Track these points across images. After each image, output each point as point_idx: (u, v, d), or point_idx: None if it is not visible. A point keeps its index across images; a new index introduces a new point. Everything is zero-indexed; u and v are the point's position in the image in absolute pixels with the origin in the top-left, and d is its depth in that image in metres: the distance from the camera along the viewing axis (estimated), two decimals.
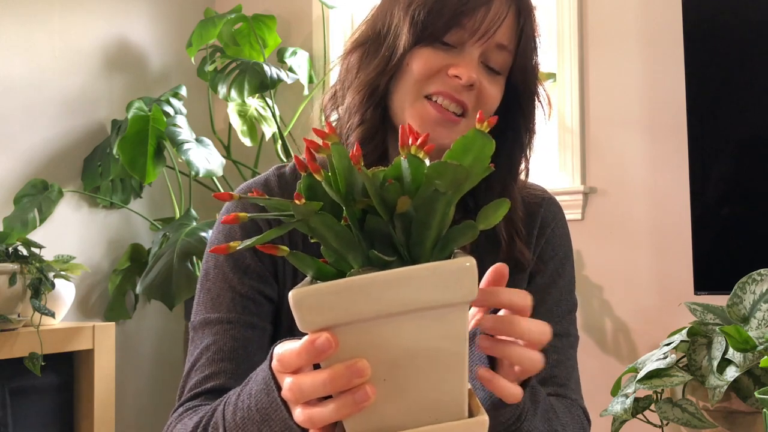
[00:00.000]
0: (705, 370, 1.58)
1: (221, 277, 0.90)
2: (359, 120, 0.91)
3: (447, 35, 0.88)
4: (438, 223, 0.56)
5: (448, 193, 0.55)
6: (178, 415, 0.85)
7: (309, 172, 0.57)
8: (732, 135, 2.04)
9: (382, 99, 0.92)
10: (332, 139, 0.56)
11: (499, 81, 0.92)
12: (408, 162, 0.55)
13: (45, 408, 2.23)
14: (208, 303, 0.90)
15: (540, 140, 1.03)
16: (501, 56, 0.91)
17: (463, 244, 0.58)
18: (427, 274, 0.54)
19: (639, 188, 2.29)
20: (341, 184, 0.56)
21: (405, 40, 0.89)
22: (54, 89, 2.61)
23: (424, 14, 0.88)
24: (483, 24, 0.88)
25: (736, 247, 2.01)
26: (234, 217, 0.57)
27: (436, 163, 0.54)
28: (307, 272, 0.59)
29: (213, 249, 0.58)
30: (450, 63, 0.88)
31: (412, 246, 0.57)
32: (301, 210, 0.55)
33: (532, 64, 0.93)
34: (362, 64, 0.93)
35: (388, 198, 0.55)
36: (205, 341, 0.88)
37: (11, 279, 2.05)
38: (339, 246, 0.57)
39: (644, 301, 2.26)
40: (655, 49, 2.28)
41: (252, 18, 2.74)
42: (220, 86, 2.60)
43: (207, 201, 2.86)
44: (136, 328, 2.82)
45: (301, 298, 0.54)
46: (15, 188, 2.45)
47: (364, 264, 0.57)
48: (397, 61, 0.89)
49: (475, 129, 0.56)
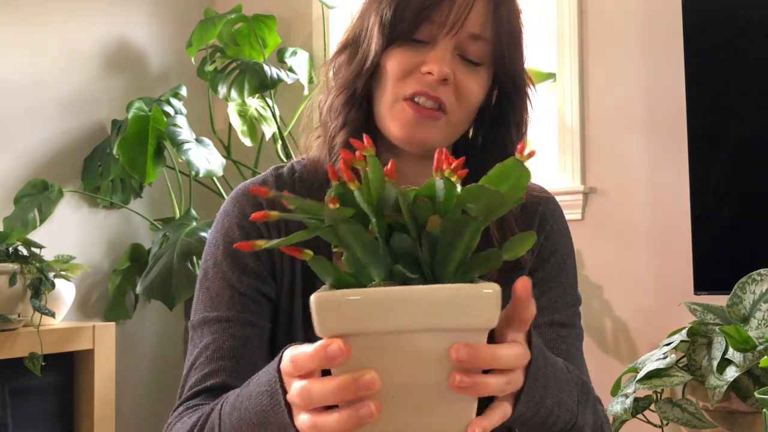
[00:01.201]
0: (705, 370, 1.58)
1: (220, 276, 0.90)
2: (342, 122, 0.91)
3: (417, 32, 0.87)
4: (464, 246, 0.56)
5: (479, 218, 0.55)
6: (178, 414, 0.85)
7: (342, 180, 0.57)
8: (732, 135, 2.04)
9: (364, 101, 0.91)
10: (368, 151, 0.57)
11: (479, 72, 0.90)
12: (443, 184, 0.56)
13: (45, 408, 2.23)
14: (207, 302, 0.90)
15: (539, 140, 1.02)
16: (477, 46, 0.88)
17: (485, 271, 0.58)
18: (451, 294, 0.53)
19: (639, 188, 2.29)
20: (374, 196, 0.56)
21: (376, 42, 0.88)
22: (54, 89, 2.61)
23: (390, 14, 0.87)
24: (450, 16, 0.86)
25: (736, 247, 2.01)
26: (264, 215, 0.56)
27: (472, 186, 0.53)
28: (326, 279, 0.59)
29: (237, 245, 0.57)
30: (423, 60, 0.87)
31: (436, 266, 0.57)
32: (333, 215, 0.55)
33: (513, 52, 0.90)
34: (343, 67, 0.93)
35: (418, 215, 0.55)
36: (205, 340, 0.88)
37: (11, 279, 2.05)
38: (363, 257, 0.57)
39: (644, 301, 2.26)
40: (655, 49, 2.28)
41: (252, 18, 2.74)
42: (220, 86, 2.60)
43: (207, 201, 2.86)
44: (136, 328, 2.82)
45: (323, 302, 0.54)
46: (15, 188, 2.45)
47: (386, 278, 0.57)
48: (371, 63, 0.89)
49: (514, 158, 0.55)
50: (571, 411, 0.72)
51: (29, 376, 2.09)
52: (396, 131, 0.88)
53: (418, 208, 0.56)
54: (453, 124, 0.90)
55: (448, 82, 0.87)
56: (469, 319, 0.53)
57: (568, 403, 0.72)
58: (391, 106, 0.89)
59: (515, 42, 0.91)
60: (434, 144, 0.88)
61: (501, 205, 0.55)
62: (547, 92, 2.56)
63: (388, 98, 0.89)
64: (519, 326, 0.62)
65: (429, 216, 0.55)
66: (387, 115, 0.89)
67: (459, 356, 0.53)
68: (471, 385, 0.54)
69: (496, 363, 0.56)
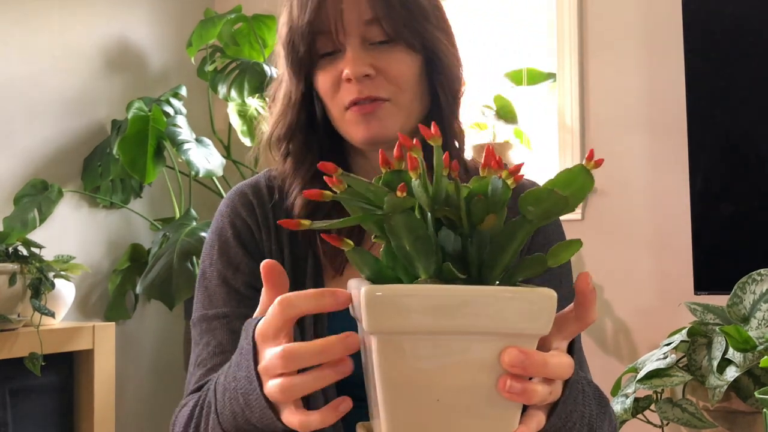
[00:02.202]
0: (705, 370, 1.58)
1: (216, 274, 0.93)
2: (285, 151, 0.96)
3: (318, 49, 0.90)
4: (514, 249, 0.55)
5: (534, 222, 0.54)
6: (182, 405, 0.87)
7: (395, 169, 0.55)
8: (732, 135, 2.04)
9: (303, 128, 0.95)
10: (436, 141, 0.55)
11: (397, 50, 0.90)
12: (500, 184, 0.54)
13: (45, 408, 2.23)
14: (205, 300, 0.93)
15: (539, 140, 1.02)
16: (378, 28, 0.88)
17: (528, 276, 0.57)
18: (512, 297, 0.52)
19: (639, 188, 2.29)
20: (433, 188, 0.54)
21: (290, 75, 0.93)
22: (54, 89, 2.61)
23: (288, 47, 0.91)
24: (330, 23, 0.88)
25: (736, 247, 2.01)
26: (319, 193, 0.55)
27: (537, 189, 0.53)
28: (363, 271, 0.57)
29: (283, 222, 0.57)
30: (341, 68, 0.89)
31: (484, 266, 0.55)
32: (396, 203, 0.52)
33: (412, 17, 0.89)
34: (278, 101, 0.97)
35: (474, 212, 0.54)
36: (205, 337, 0.91)
37: (11, 279, 2.05)
38: (413, 250, 0.54)
39: (644, 301, 2.26)
40: (655, 49, 2.28)
41: (252, 18, 2.74)
42: (220, 86, 2.60)
43: (207, 201, 2.86)
44: (136, 328, 2.82)
45: (375, 296, 0.51)
46: (15, 188, 2.45)
47: (433, 275, 0.54)
48: (295, 97, 0.93)
49: (581, 165, 0.54)
50: (589, 425, 0.72)
51: (29, 376, 2.09)
52: (356, 137, 0.91)
53: (475, 205, 0.54)
54: (403, 106, 0.91)
55: (372, 75, 0.88)
56: (525, 324, 0.52)
57: (588, 417, 0.72)
58: (341, 119, 0.92)
59: (409, 6, 0.89)
60: (392, 131, 0.90)
61: (562, 210, 0.54)
62: (547, 92, 2.56)
63: (336, 114, 0.92)
64: (573, 332, 0.61)
65: (484, 214, 0.53)
66: (343, 127, 0.92)
67: (512, 361, 0.52)
68: (521, 392, 0.52)
69: (546, 371, 0.54)
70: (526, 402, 0.54)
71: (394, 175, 0.55)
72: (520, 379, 0.53)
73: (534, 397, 0.54)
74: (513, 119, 2.54)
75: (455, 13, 2.76)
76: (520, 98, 2.56)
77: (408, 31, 0.89)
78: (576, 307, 0.59)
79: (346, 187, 0.54)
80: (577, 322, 0.60)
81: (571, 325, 0.60)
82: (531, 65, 2.57)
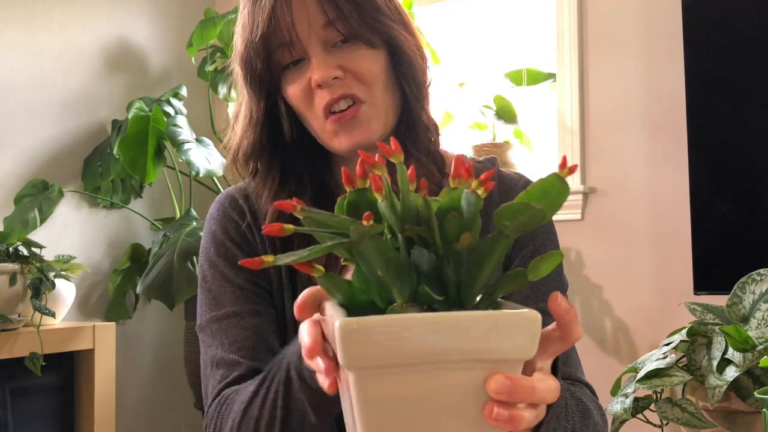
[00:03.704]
0: (705, 370, 1.58)
1: (218, 275, 0.93)
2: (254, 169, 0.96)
3: (280, 62, 0.89)
4: (492, 266, 0.52)
5: (510, 237, 0.52)
6: (218, 403, 0.86)
7: (359, 188, 0.53)
8: (732, 135, 2.04)
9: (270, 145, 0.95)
10: (397, 158, 0.53)
11: (358, 48, 0.89)
12: (472, 200, 0.51)
13: (45, 408, 2.23)
14: (211, 303, 0.93)
15: (539, 140, 1.02)
16: (335, 30, 0.88)
17: (509, 293, 0.54)
18: (495, 323, 0.49)
19: (639, 188, 2.29)
20: (401, 207, 0.51)
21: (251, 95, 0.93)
22: (54, 89, 2.61)
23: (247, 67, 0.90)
24: (285, 34, 0.87)
25: (736, 247, 2.01)
26: (279, 228, 0.53)
27: (512, 203, 0.50)
28: (335, 296, 0.54)
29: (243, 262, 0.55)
30: (308, 76, 0.88)
31: (462, 286, 0.52)
32: (363, 231, 0.49)
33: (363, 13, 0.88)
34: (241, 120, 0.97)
35: (448, 230, 0.51)
36: (218, 338, 0.90)
37: (12, 279, 2.05)
38: (385, 275, 0.51)
39: (644, 301, 2.26)
40: (655, 49, 2.28)
41: None
42: (221, 86, 2.61)
43: (207, 201, 2.86)
44: (137, 328, 2.82)
45: (348, 331, 0.47)
46: (15, 188, 2.45)
47: (409, 299, 0.51)
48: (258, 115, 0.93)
49: (555, 174, 0.51)
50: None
51: (29, 376, 2.09)
52: (338, 146, 0.91)
53: (449, 223, 0.51)
54: (378, 104, 0.91)
55: (340, 76, 0.87)
56: (509, 349, 0.49)
57: (572, 430, 0.71)
58: (321, 129, 0.91)
59: (359, 3, 0.88)
60: (377, 134, 0.90)
61: (539, 223, 0.51)
62: (547, 92, 2.56)
63: (314, 124, 0.91)
64: (557, 350, 0.59)
65: (459, 232, 0.50)
66: (323, 137, 0.91)
67: (498, 388, 0.50)
68: (508, 419, 0.51)
69: (533, 397, 0.52)
70: (513, 429, 0.52)
71: (358, 195, 0.53)
72: (507, 406, 0.51)
73: (521, 424, 0.52)
74: (513, 119, 2.55)
75: (455, 13, 2.77)
76: (520, 98, 2.57)
77: (364, 28, 0.88)
78: (558, 327, 0.57)
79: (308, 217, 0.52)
80: (561, 341, 0.58)
81: (555, 344, 0.58)
82: (531, 65, 2.58)
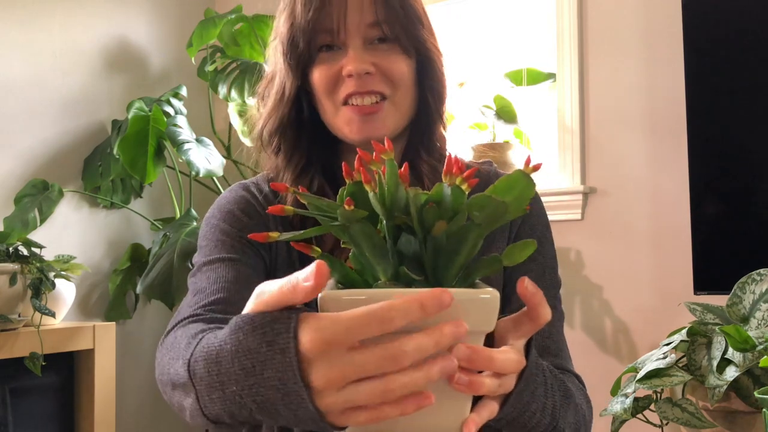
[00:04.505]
0: (705, 370, 1.58)
1: (219, 230, 0.95)
2: (277, 145, 0.99)
3: (319, 42, 0.94)
4: (467, 251, 0.59)
5: (482, 225, 0.58)
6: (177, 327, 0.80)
7: (356, 180, 0.60)
8: (732, 135, 2.04)
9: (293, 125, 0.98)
10: (388, 155, 0.60)
11: (394, 51, 0.94)
12: (450, 191, 0.58)
13: (45, 408, 2.23)
14: (209, 248, 0.94)
15: (539, 140, 1.03)
16: (379, 30, 0.93)
17: (485, 275, 0.61)
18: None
19: (639, 188, 2.29)
20: (387, 198, 0.59)
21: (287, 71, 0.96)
22: (54, 89, 2.61)
23: (287, 43, 0.94)
24: (334, 21, 0.92)
25: (736, 247, 2.01)
26: (280, 209, 0.60)
27: (480, 195, 0.57)
28: (332, 274, 0.61)
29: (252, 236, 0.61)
30: (341, 65, 0.93)
31: (439, 269, 0.59)
32: (347, 215, 0.57)
33: (409, 22, 0.94)
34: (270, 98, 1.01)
35: (426, 220, 0.58)
36: (205, 274, 0.91)
37: (12, 279, 2.05)
38: (372, 256, 0.59)
39: (644, 301, 2.27)
40: (655, 49, 2.29)
41: (252, 18, 2.74)
42: (221, 86, 2.60)
43: (207, 201, 2.86)
44: (137, 328, 2.82)
45: (328, 300, 0.55)
46: (15, 188, 2.45)
47: (392, 278, 0.59)
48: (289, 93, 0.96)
49: (520, 170, 0.58)
50: (552, 415, 0.76)
51: (29, 376, 2.09)
52: (350, 135, 0.95)
53: (426, 212, 0.58)
54: (398, 104, 0.95)
55: (372, 72, 0.92)
56: (470, 321, 0.55)
57: (551, 408, 0.75)
58: (335, 115, 0.95)
59: (407, 11, 0.95)
60: (390, 130, 0.95)
61: (504, 215, 0.58)
62: (547, 92, 2.56)
63: (329, 109, 0.95)
64: (528, 331, 0.64)
65: (435, 220, 0.57)
66: (336, 123, 0.96)
67: (459, 356, 0.55)
68: (468, 384, 0.56)
69: (492, 366, 0.58)
70: (474, 393, 0.57)
71: (356, 187, 0.60)
72: (468, 372, 0.57)
73: (481, 389, 0.57)
74: (513, 119, 2.55)
75: (455, 13, 2.77)
76: (520, 98, 2.57)
77: (405, 35, 0.94)
78: (528, 309, 0.63)
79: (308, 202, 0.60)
80: (531, 322, 0.63)
81: (525, 325, 0.64)
82: (531, 65, 2.58)
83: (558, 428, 0.78)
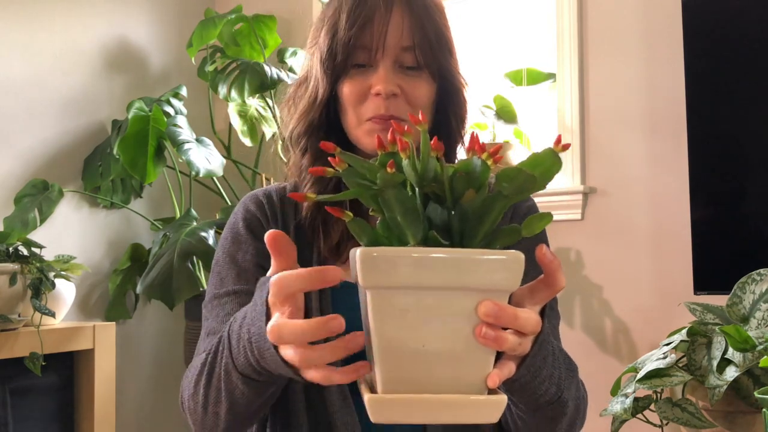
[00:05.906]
0: (705, 370, 1.58)
1: (228, 260, 1.02)
2: (304, 147, 1.04)
3: (354, 60, 0.98)
4: (492, 220, 0.63)
5: (509, 197, 0.62)
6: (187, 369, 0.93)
7: (390, 151, 0.64)
8: (732, 135, 2.04)
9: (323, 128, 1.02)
10: (422, 126, 0.63)
11: (421, 77, 0.99)
12: (479, 163, 0.62)
13: (45, 408, 2.23)
14: (216, 283, 1.01)
15: (539, 140, 1.05)
16: (411, 55, 0.98)
17: (505, 244, 0.64)
18: (484, 258, 0.59)
19: (639, 188, 2.29)
20: (420, 166, 0.62)
21: (321, 77, 1.00)
22: (54, 89, 2.61)
23: (326, 51, 0.99)
24: (373, 41, 0.97)
25: (736, 247, 2.01)
26: (322, 170, 0.65)
27: (510, 167, 0.60)
28: (362, 239, 0.65)
29: (293, 195, 0.67)
30: (371, 83, 0.98)
31: (466, 235, 0.63)
32: (387, 178, 0.60)
33: (440, 51, 0.99)
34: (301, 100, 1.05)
35: (456, 188, 0.62)
36: (215, 311, 0.98)
37: (12, 279, 2.05)
38: (403, 220, 0.62)
39: (644, 301, 2.27)
40: (655, 49, 2.29)
41: (252, 18, 2.74)
42: (221, 86, 2.60)
43: (207, 201, 2.87)
44: (137, 328, 2.82)
45: (368, 256, 0.58)
46: (15, 188, 2.45)
47: (420, 242, 0.62)
48: (321, 97, 1.00)
49: (549, 148, 0.62)
50: (557, 386, 0.79)
51: (29, 376, 2.09)
52: (369, 146, 0.99)
53: (457, 181, 0.61)
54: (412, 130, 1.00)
55: (398, 94, 0.97)
56: (497, 280, 0.59)
57: (557, 378, 0.79)
58: (357, 127, 1.00)
59: (440, 41, 1.00)
60: None
61: (532, 187, 0.61)
62: (547, 92, 2.56)
63: (353, 120, 1.00)
64: (544, 298, 0.69)
65: (465, 189, 0.61)
66: (356, 133, 1.00)
67: (486, 311, 0.60)
68: (494, 338, 0.60)
69: (516, 323, 0.62)
70: (498, 348, 0.62)
71: (388, 156, 0.63)
72: (494, 328, 0.61)
73: (505, 344, 0.62)
74: (513, 119, 2.55)
75: (455, 13, 2.77)
76: (520, 98, 2.57)
77: (434, 62, 0.99)
78: (545, 275, 0.68)
79: (346, 167, 0.63)
80: (547, 288, 0.68)
81: (541, 291, 0.68)
82: (531, 65, 2.58)
83: (562, 399, 0.81)
